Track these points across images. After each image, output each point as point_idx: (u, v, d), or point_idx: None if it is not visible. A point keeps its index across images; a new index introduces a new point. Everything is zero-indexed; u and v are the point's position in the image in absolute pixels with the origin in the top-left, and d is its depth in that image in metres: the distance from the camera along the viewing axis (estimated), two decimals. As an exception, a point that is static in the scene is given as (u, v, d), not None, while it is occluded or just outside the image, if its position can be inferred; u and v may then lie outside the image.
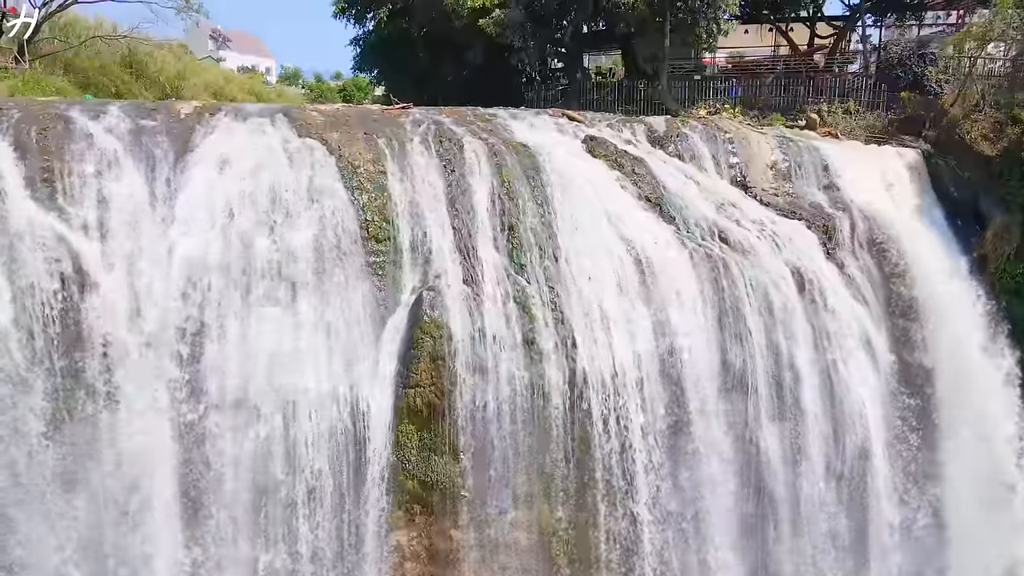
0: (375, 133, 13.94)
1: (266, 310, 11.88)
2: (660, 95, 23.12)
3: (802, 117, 20.98)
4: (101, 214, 11.60)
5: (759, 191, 16.85)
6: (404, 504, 12.77)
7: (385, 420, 12.35)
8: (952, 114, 19.37)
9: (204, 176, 12.18)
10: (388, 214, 12.93)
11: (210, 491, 11.74)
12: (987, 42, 19.72)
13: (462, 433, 12.48)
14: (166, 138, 12.53)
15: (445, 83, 25.64)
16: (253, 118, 13.59)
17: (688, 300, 13.84)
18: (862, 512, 14.62)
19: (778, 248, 15.10)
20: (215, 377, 11.62)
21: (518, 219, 13.53)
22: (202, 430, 11.65)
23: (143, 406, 11.26)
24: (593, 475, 13.09)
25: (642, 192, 15.12)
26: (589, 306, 13.11)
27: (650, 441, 13.34)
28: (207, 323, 11.63)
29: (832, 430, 14.36)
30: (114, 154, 11.97)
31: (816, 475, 14.23)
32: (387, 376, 12.34)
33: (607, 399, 13.02)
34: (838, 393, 14.52)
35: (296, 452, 11.95)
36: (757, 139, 17.73)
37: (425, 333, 12.33)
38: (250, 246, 12.00)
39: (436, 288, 12.62)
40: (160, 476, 11.34)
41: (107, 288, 11.32)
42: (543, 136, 15.53)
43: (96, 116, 12.56)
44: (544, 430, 12.85)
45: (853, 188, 17.05)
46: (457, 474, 12.63)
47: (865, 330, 15.18)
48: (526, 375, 12.64)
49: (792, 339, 14.38)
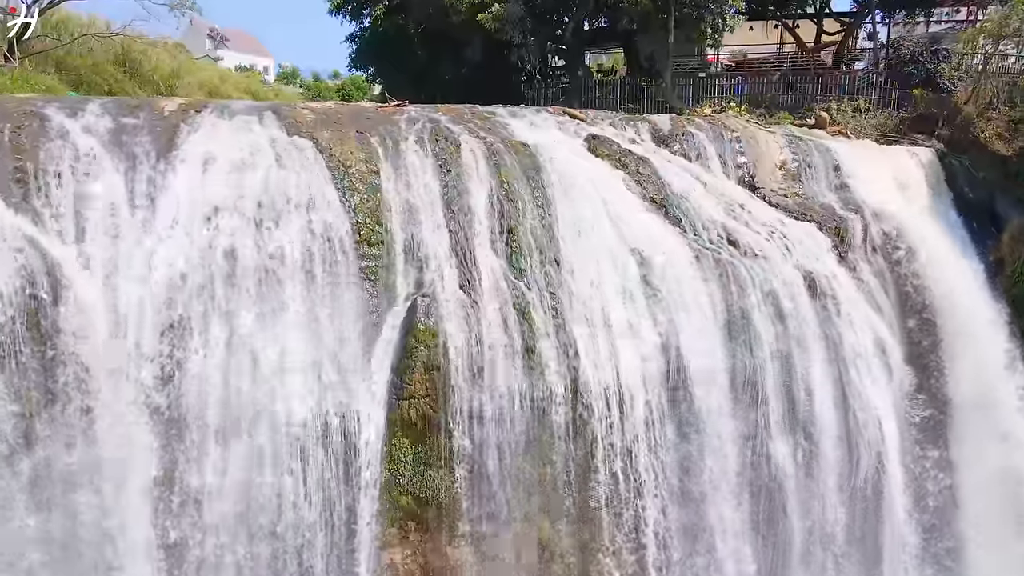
0: (368, 131, 13.32)
1: (250, 317, 11.27)
2: (664, 93, 22.55)
3: (811, 115, 20.40)
4: (77, 216, 10.99)
5: (768, 192, 16.22)
6: (397, 521, 12.15)
7: (377, 433, 11.72)
8: (966, 112, 18.82)
9: (187, 176, 11.56)
10: (381, 216, 12.30)
11: (191, 502, 11.14)
12: (1001, 38, 19.15)
13: (458, 446, 11.86)
14: (148, 136, 11.91)
15: (443, 81, 25.12)
16: (240, 116, 12.96)
17: (695, 306, 13.20)
18: (876, 532, 13.97)
19: (789, 251, 14.47)
20: (196, 387, 10.98)
21: (518, 221, 12.91)
22: (182, 442, 11.03)
23: (118, 418, 10.65)
24: (596, 490, 12.48)
25: (647, 193, 14.50)
26: (592, 313, 12.49)
27: (657, 454, 12.73)
28: (188, 330, 11.01)
29: (846, 443, 13.72)
30: (92, 153, 11.38)
31: (829, 491, 13.60)
32: (379, 387, 11.71)
33: (611, 410, 12.41)
34: (852, 404, 13.88)
35: (282, 467, 11.33)
36: (765, 138, 17.11)
37: (420, 342, 11.72)
38: (234, 250, 11.36)
39: (431, 294, 12.01)
40: (136, 493, 10.74)
41: (82, 294, 10.69)
42: (544, 135, 14.91)
43: (74, 114, 11.94)
44: (545, 443, 12.24)
45: (865, 189, 16.41)
46: (453, 489, 12.01)
47: (880, 338, 14.55)
48: (526, 385, 12.02)
49: (804, 347, 13.74)
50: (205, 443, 11.15)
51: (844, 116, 20.24)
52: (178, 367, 11.00)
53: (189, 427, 11.03)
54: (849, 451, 13.73)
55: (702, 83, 23.51)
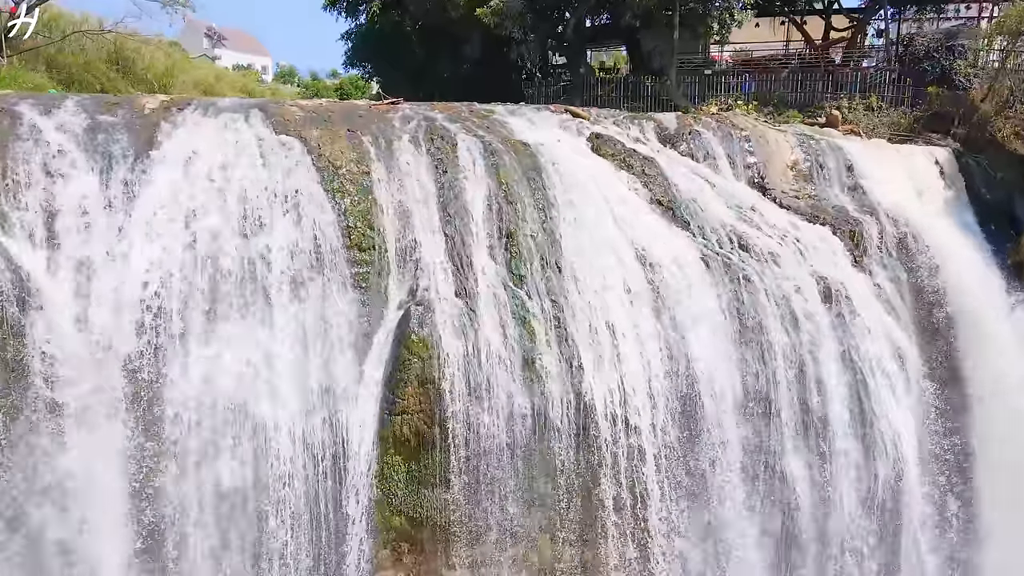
0: (360, 130, 12.65)
1: (234, 327, 10.60)
2: (668, 91, 21.89)
3: (821, 114, 19.72)
4: (48, 219, 10.35)
5: (778, 193, 15.54)
6: (390, 542, 11.47)
7: (368, 450, 11.04)
8: (983, 110, 18.15)
9: (166, 177, 10.91)
10: (372, 220, 11.63)
11: (169, 523, 10.47)
12: (1020, 35, 18.47)
13: (455, 464, 11.16)
14: (126, 135, 11.28)
15: (442, 79, 24.52)
16: (225, 113, 12.30)
17: (705, 314, 12.54)
18: (895, 550, 13.30)
19: (802, 256, 13.80)
20: (174, 399, 10.32)
21: (517, 225, 12.23)
22: (160, 459, 10.36)
23: (91, 432, 9.98)
24: (601, 508, 11.81)
25: (653, 195, 13.84)
26: (596, 322, 11.81)
27: (664, 470, 12.06)
28: (167, 341, 10.35)
29: (863, 457, 13.04)
30: (65, 153, 10.74)
31: (846, 507, 12.92)
32: (370, 401, 11.02)
33: (616, 424, 11.74)
34: (869, 415, 13.20)
35: (267, 486, 10.66)
36: (775, 137, 16.43)
37: (413, 353, 11.03)
38: (216, 255, 10.71)
39: (426, 302, 11.33)
40: (108, 514, 10.09)
41: (53, 301, 10.05)
42: (544, 134, 14.22)
43: (48, 111, 11.32)
44: (546, 459, 11.55)
45: (880, 190, 15.76)
46: (449, 509, 11.33)
47: (897, 345, 13.87)
48: (526, 399, 11.34)
49: (818, 356, 13.07)
50: (184, 459, 10.49)
51: (856, 114, 19.58)
52: (155, 378, 10.35)
53: (166, 441, 10.36)
54: (866, 466, 13.03)
55: (708, 81, 22.83)
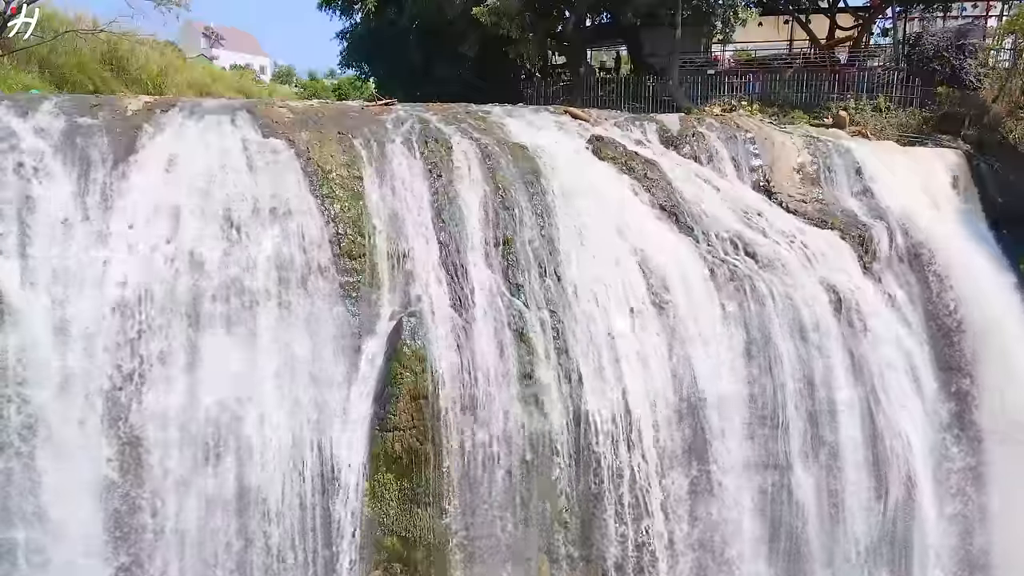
0: (351, 133, 12.18)
1: (217, 340, 10.11)
2: (670, 91, 21.40)
3: (827, 115, 19.23)
4: (21, 227, 9.87)
5: (785, 197, 15.02)
6: (382, 564, 10.98)
7: (358, 468, 10.55)
8: (994, 111, 17.65)
9: (146, 183, 10.45)
10: (363, 227, 11.14)
11: (151, 550, 10.00)
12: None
13: (449, 482, 10.69)
14: (106, 138, 10.81)
15: (439, 79, 23.97)
16: (210, 115, 11.82)
17: (710, 324, 12.07)
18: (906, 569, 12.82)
19: (810, 263, 13.30)
20: (156, 420, 9.85)
21: (515, 232, 11.75)
22: (139, 479, 9.88)
23: (67, 454, 9.52)
24: (601, 529, 11.32)
25: (656, 199, 13.34)
26: (597, 334, 11.31)
27: (667, 487, 11.58)
28: (146, 356, 9.87)
29: (874, 473, 12.54)
30: (40, 157, 10.26)
31: (855, 526, 12.43)
32: (360, 417, 10.54)
33: (617, 440, 11.24)
34: (880, 429, 12.71)
35: (252, 506, 10.17)
36: (782, 139, 15.92)
37: (405, 367, 10.54)
38: (199, 264, 10.24)
39: (418, 313, 10.84)
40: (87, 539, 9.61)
41: (26, 313, 9.58)
42: (543, 136, 13.72)
43: (24, 113, 10.84)
44: (544, 477, 11.07)
45: (890, 194, 15.22)
46: (444, 529, 10.84)
47: (909, 356, 13.38)
48: (523, 415, 10.85)
49: (828, 367, 12.57)
50: (165, 478, 10.00)
51: (863, 115, 19.09)
52: (134, 394, 9.87)
53: (146, 461, 9.88)
54: (877, 484, 12.55)
55: (710, 81, 22.33)
